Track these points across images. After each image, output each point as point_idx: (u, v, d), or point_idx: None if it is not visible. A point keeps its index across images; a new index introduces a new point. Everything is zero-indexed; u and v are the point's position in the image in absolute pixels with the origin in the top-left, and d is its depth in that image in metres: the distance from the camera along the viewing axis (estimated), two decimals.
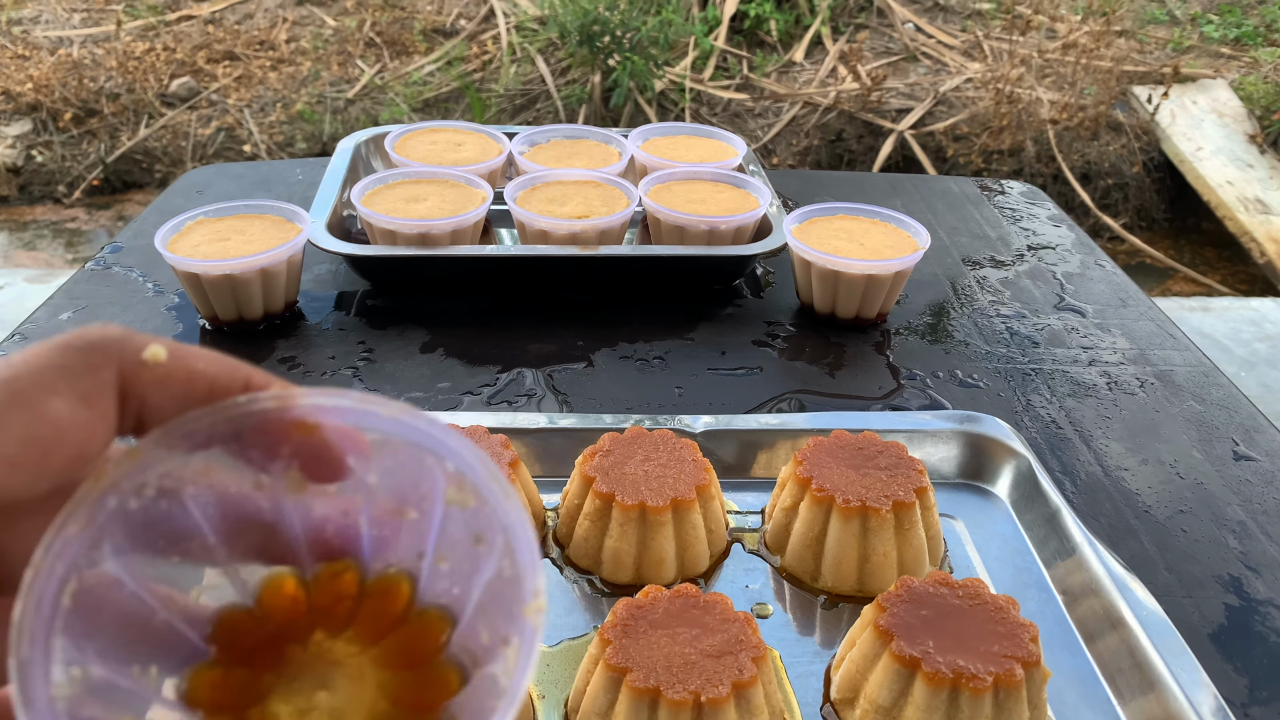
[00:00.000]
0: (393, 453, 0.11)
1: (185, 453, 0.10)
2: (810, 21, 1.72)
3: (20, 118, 1.52)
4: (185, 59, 1.64)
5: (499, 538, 0.10)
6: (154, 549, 0.09)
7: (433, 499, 0.11)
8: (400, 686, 0.10)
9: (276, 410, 0.10)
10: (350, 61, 1.69)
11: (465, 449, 0.10)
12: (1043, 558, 0.29)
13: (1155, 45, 1.70)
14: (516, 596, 0.10)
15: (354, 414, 0.10)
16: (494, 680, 0.10)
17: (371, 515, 0.11)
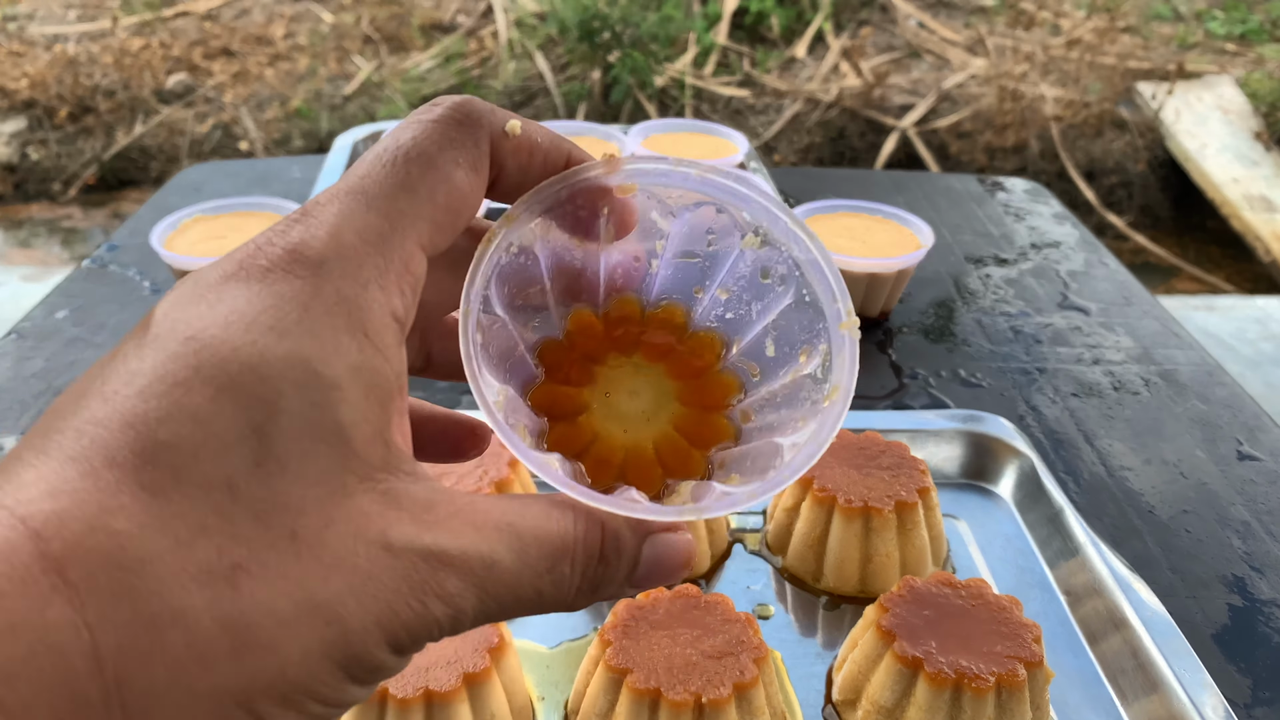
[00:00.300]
0: (697, 206, 0.12)
1: (537, 215, 0.11)
2: (812, 17, 1.71)
3: (15, 115, 1.52)
4: (181, 55, 1.63)
5: (794, 272, 0.12)
6: (514, 294, 0.11)
7: (725, 243, 0.13)
8: (689, 391, 0.12)
9: (603, 177, 0.12)
10: (348, 58, 1.68)
11: (766, 200, 0.12)
12: (1046, 558, 0.29)
13: (1160, 42, 1.69)
14: (819, 318, 0.12)
15: (667, 176, 0.12)
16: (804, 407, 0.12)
17: (664, 259, 0.13)
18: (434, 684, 0.21)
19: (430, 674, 0.21)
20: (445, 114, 0.11)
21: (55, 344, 0.41)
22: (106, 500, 0.08)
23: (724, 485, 0.11)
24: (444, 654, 0.22)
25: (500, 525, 0.10)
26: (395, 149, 0.10)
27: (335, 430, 0.09)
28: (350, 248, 0.10)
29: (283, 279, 0.09)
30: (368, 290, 0.10)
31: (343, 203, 0.10)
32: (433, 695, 0.21)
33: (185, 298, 0.09)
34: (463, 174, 0.11)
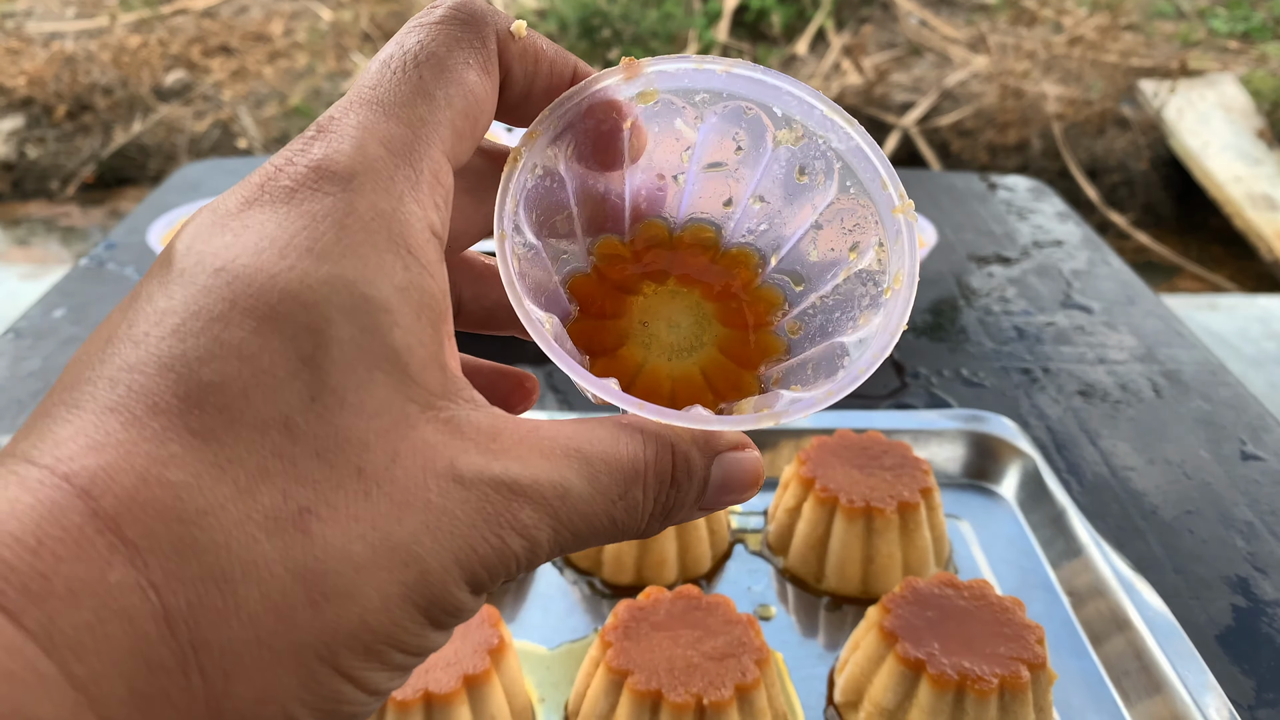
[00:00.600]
0: (723, 105, 0.11)
1: (558, 132, 0.11)
2: (814, 14, 1.70)
3: (13, 113, 1.51)
4: (180, 53, 1.62)
5: (834, 164, 0.11)
6: (542, 221, 0.11)
7: (755, 146, 0.12)
8: (728, 312, 0.12)
9: (622, 84, 0.11)
10: (346, 55, 1.68)
11: (798, 90, 0.11)
12: (1049, 558, 0.29)
13: (1162, 40, 1.68)
14: (867, 209, 0.11)
15: (690, 76, 0.11)
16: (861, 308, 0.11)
17: (690, 173, 0.12)
18: (434, 685, 0.21)
19: (430, 675, 0.21)
20: (448, 14, 0.10)
21: (52, 343, 0.40)
22: (155, 450, 0.07)
23: (793, 392, 0.11)
24: (443, 655, 0.22)
25: (569, 451, 0.09)
26: (402, 55, 0.10)
27: (390, 356, 0.08)
28: (378, 160, 0.09)
29: (311, 197, 0.08)
30: (403, 203, 0.09)
31: (360, 114, 0.09)
32: (432, 697, 0.21)
33: (206, 228, 0.09)
34: (475, 75, 0.10)
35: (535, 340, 0.10)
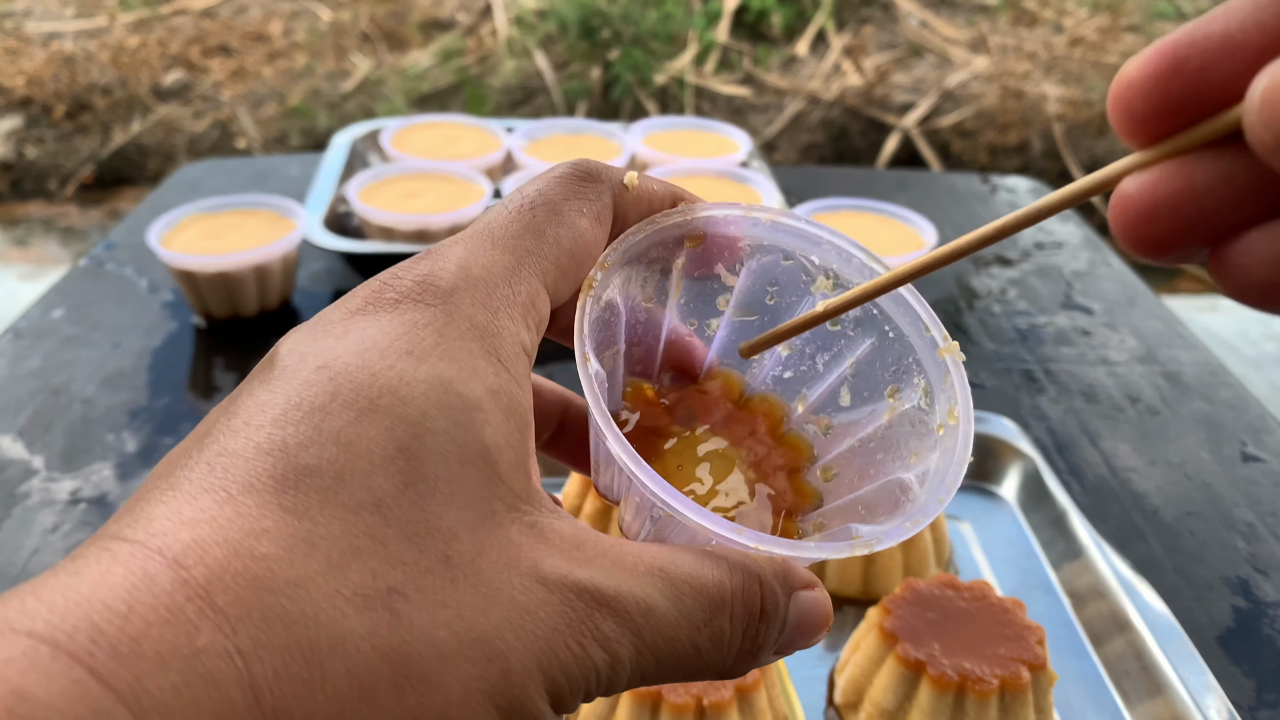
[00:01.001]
0: (764, 255, 0.12)
1: (618, 266, 0.11)
2: (814, 15, 1.70)
3: (12, 112, 1.51)
4: (179, 53, 1.62)
5: (870, 311, 0.12)
6: (599, 351, 0.11)
7: (789, 296, 0.12)
8: (758, 459, 0.12)
9: (678, 225, 0.12)
10: (346, 56, 1.67)
11: (838, 240, 0.12)
12: (1050, 559, 0.29)
13: None
14: (907, 351, 0.11)
15: (737, 223, 0.12)
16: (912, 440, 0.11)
17: (725, 318, 0.12)
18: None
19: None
20: (568, 170, 0.11)
21: (52, 343, 0.40)
22: (248, 525, 0.08)
23: (870, 525, 0.11)
24: None
25: (653, 569, 0.09)
26: (521, 198, 0.11)
27: (481, 452, 0.09)
28: (478, 279, 0.10)
29: (413, 308, 0.09)
30: (498, 318, 0.09)
31: (469, 242, 0.10)
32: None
33: (310, 333, 0.09)
34: (587, 223, 0.11)
35: (630, 465, 0.10)
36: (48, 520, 0.30)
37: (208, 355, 0.40)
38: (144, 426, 0.35)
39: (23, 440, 0.34)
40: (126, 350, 0.40)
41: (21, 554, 0.29)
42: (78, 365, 0.39)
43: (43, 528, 0.30)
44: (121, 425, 0.35)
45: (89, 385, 0.37)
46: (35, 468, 0.32)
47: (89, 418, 0.35)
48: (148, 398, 0.37)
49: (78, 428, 0.35)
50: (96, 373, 0.38)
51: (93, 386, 0.37)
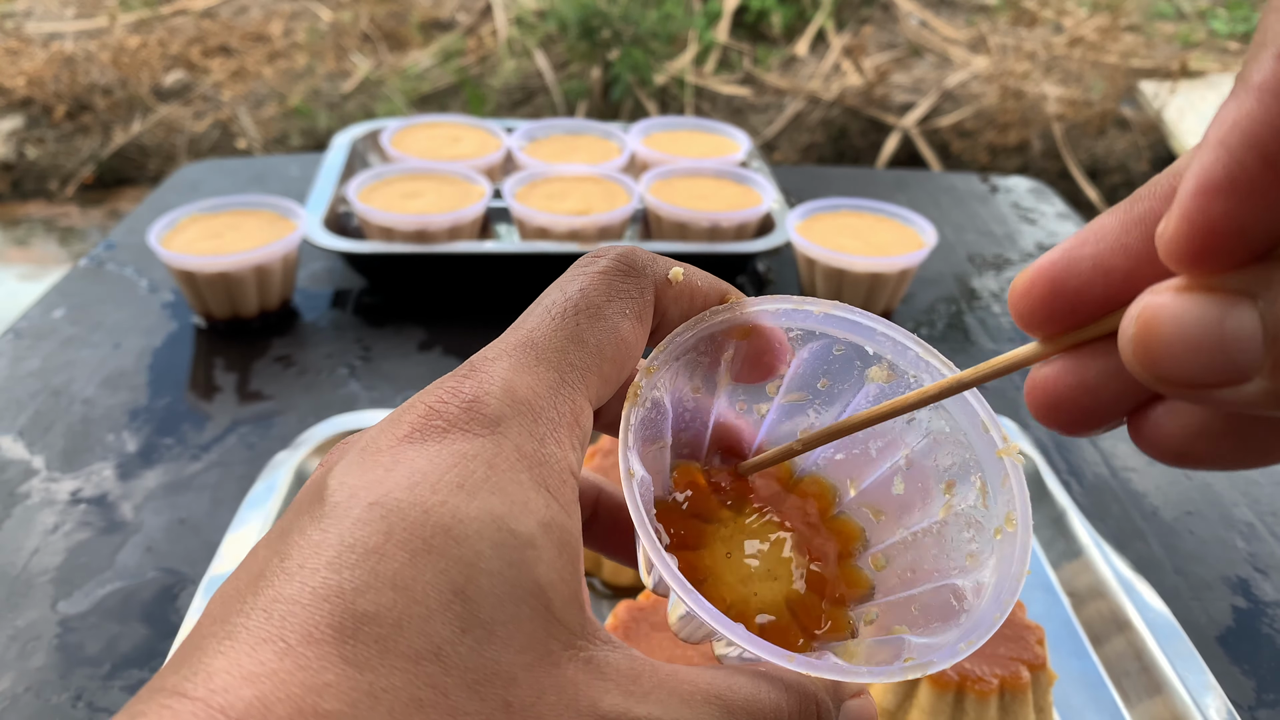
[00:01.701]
0: (816, 343, 0.12)
1: (666, 364, 0.11)
2: (814, 15, 1.70)
3: (12, 113, 1.51)
4: (179, 53, 1.62)
5: (923, 408, 0.11)
6: (644, 450, 0.11)
7: (841, 383, 0.12)
8: (807, 543, 0.12)
9: (727, 321, 0.12)
10: (346, 56, 1.68)
11: (892, 331, 0.12)
12: (1049, 559, 0.29)
13: (1163, 41, 1.68)
14: (963, 448, 0.11)
15: (789, 316, 0.12)
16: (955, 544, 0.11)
17: (775, 402, 0.12)
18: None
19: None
20: (611, 265, 0.11)
21: (52, 343, 0.40)
22: (310, 679, 0.08)
23: (922, 637, 0.11)
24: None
25: (709, 697, 0.09)
26: (564, 301, 0.11)
27: (535, 592, 0.09)
28: (525, 403, 0.10)
29: (462, 438, 0.09)
30: (545, 445, 0.09)
31: (513, 357, 0.10)
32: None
33: (358, 464, 0.09)
34: (629, 325, 0.11)
35: (672, 583, 0.10)
36: (48, 520, 0.30)
37: (208, 355, 0.40)
38: (144, 426, 0.35)
39: (23, 440, 0.34)
40: (127, 350, 0.40)
41: (22, 554, 0.29)
42: (78, 365, 0.39)
43: (43, 528, 0.30)
44: (122, 425, 0.35)
45: (89, 385, 0.37)
46: (36, 468, 0.32)
47: (89, 418, 0.35)
48: (148, 398, 0.37)
49: (78, 428, 0.35)
50: (97, 373, 0.38)
51: (93, 387, 0.37)
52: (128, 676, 0.25)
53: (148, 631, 0.26)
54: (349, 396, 0.37)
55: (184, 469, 0.33)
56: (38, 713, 0.24)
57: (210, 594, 0.24)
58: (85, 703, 0.24)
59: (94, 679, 0.25)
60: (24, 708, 0.24)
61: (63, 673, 0.25)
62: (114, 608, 0.27)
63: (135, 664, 0.25)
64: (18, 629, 0.26)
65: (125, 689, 0.25)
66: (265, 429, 0.35)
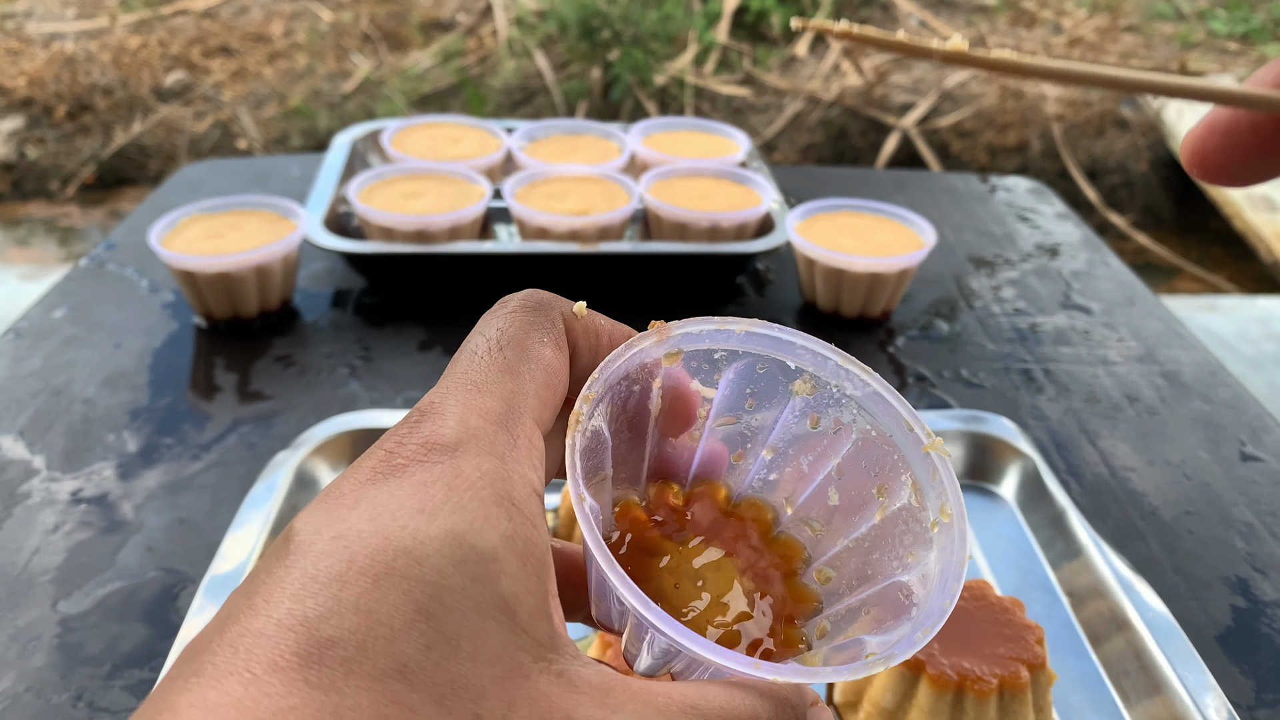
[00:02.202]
0: (740, 363, 0.12)
1: (602, 392, 0.11)
2: (813, 15, 1.70)
3: (13, 113, 1.51)
4: (180, 53, 1.62)
5: (851, 410, 0.12)
6: (587, 477, 0.11)
7: (768, 402, 0.12)
8: (752, 566, 0.12)
9: (652, 348, 0.12)
10: (346, 56, 1.68)
11: (811, 344, 0.12)
12: (1049, 559, 0.29)
13: (1162, 41, 1.69)
14: (891, 450, 0.11)
15: (711, 336, 0.12)
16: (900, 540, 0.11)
17: (706, 427, 0.13)
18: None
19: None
20: (520, 304, 0.12)
21: (53, 343, 0.40)
22: (275, 704, 0.08)
23: (878, 635, 0.11)
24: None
25: (684, 708, 0.09)
26: (487, 342, 0.11)
27: (500, 605, 0.09)
28: (479, 428, 0.10)
29: (421, 469, 0.09)
30: (505, 463, 0.10)
31: (456, 394, 0.10)
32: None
33: (323, 507, 0.09)
34: (550, 351, 0.11)
35: (635, 603, 0.10)
36: (49, 520, 0.30)
37: (208, 355, 0.40)
38: (145, 426, 0.35)
39: (24, 440, 0.34)
40: (127, 350, 0.40)
41: (23, 554, 0.29)
42: (78, 365, 0.39)
43: (44, 527, 0.30)
44: (122, 425, 0.35)
45: (90, 385, 0.37)
46: (36, 468, 0.33)
47: (90, 418, 0.35)
48: (148, 398, 0.37)
49: (78, 428, 0.35)
50: (97, 373, 0.38)
51: (93, 386, 0.37)
52: (128, 676, 0.25)
53: (148, 631, 0.26)
54: (349, 396, 0.37)
55: (184, 469, 0.33)
56: (38, 712, 0.24)
57: (210, 593, 0.25)
58: (86, 702, 0.24)
59: (94, 679, 0.25)
60: (24, 707, 0.24)
61: (63, 672, 0.25)
62: (114, 607, 0.27)
63: (136, 664, 0.25)
64: (18, 629, 0.26)
65: (125, 688, 0.25)
66: (266, 429, 0.35)
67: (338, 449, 0.31)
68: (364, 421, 0.32)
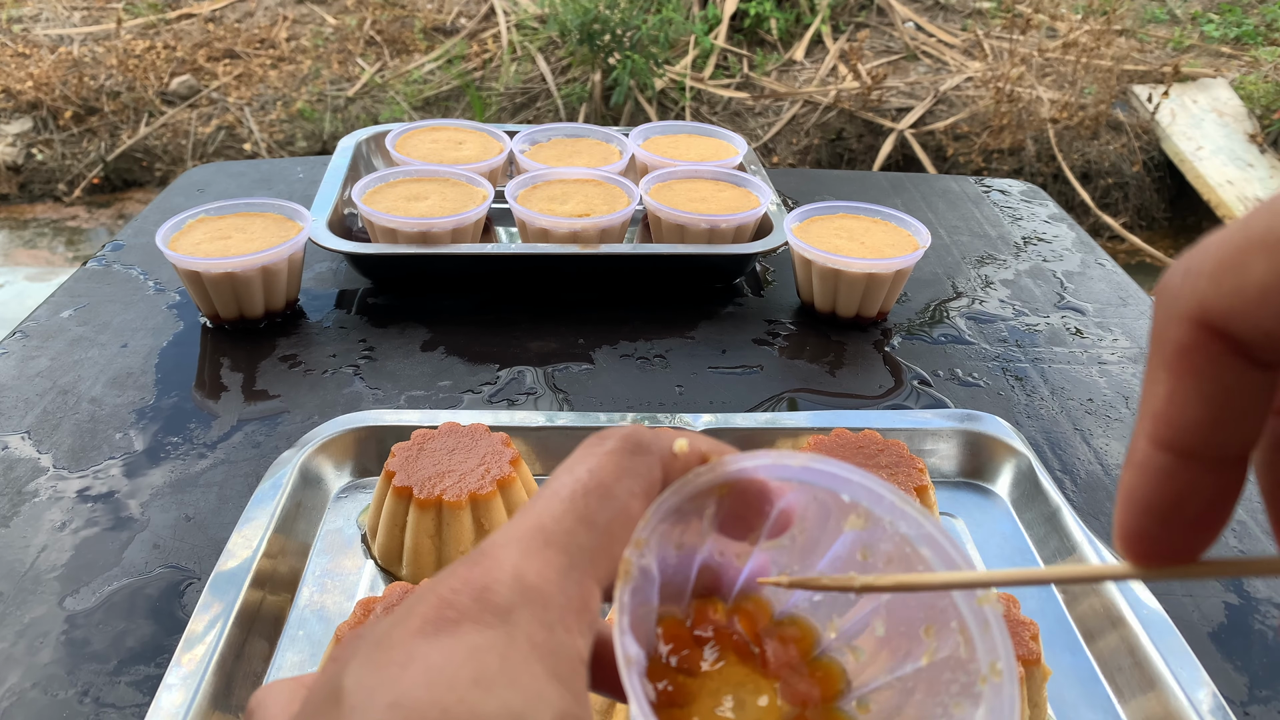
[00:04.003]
0: (796, 493, 0.12)
1: (652, 533, 0.11)
2: (810, 20, 1.72)
3: (20, 116, 1.52)
4: (186, 57, 1.64)
5: (903, 549, 0.11)
6: (635, 624, 0.11)
7: (816, 531, 0.12)
8: (791, 689, 0.12)
9: (710, 480, 0.12)
10: (351, 60, 1.69)
11: (868, 481, 0.12)
12: (1043, 556, 0.29)
13: (1155, 44, 1.70)
14: (941, 595, 0.11)
15: (769, 469, 0.12)
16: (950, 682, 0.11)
17: (755, 550, 0.12)
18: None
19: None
20: (618, 445, 0.11)
21: (60, 343, 0.41)
22: None
23: None
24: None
25: None
26: (573, 483, 0.11)
27: None
28: (534, 590, 0.10)
29: (473, 629, 0.09)
30: (554, 634, 0.10)
31: (522, 543, 0.10)
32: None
33: (371, 661, 0.09)
34: (638, 504, 0.11)
35: None
36: (56, 518, 0.31)
37: (214, 355, 0.40)
38: (151, 426, 0.35)
39: (31, 439, 0.34)
40: (134, 350, 0.40)
41: (30, 551, 0.29)
42: (85, 365, 0.39)
43: (51, 525, 0.30)
44: (129, 424, 0.35)
45: (97, 385, 0.37)
46: (44, 466, 0.33)
47: (97, 417, 0.35)
48: (155, 397, 0.37)
49: (85, 426, 0.35)
50: (104, 373, 0.38)
51: (100, 386, 0.37)
52: (135, 672, 0.25)
53: (154, 628, 0.27)
54: (354, 396, 0.37)
55: (191, 467, 0.33)
56: (45, 708, 0.24)
57: (216, 590, 0.25)
58: (92, 698, 0.24)
59: (101, 675, 0.25)
60: (31, 703, 0.24)
61: (70, 669, 0.25)
62: (121, 604, 0.27)
63: (142, 660, 0.26)
64: (25, 625, 0.26)
65: (132, 684, 0.25)
66: (271, 427, 0.35)
67: (342, 447, 0.32)
68: (368, 420, 0.32)
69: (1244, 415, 0.08)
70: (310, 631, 0.26)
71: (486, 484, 0.27)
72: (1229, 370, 0.08)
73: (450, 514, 0.27)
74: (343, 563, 0.28)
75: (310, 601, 0.27)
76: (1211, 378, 0.08)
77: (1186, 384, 0.08)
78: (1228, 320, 0.08)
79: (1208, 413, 0.08)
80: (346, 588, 0.28)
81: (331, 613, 0.27)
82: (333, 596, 0.27)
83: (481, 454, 0.28)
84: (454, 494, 0.27)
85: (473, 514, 0.27)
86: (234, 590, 0.25)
